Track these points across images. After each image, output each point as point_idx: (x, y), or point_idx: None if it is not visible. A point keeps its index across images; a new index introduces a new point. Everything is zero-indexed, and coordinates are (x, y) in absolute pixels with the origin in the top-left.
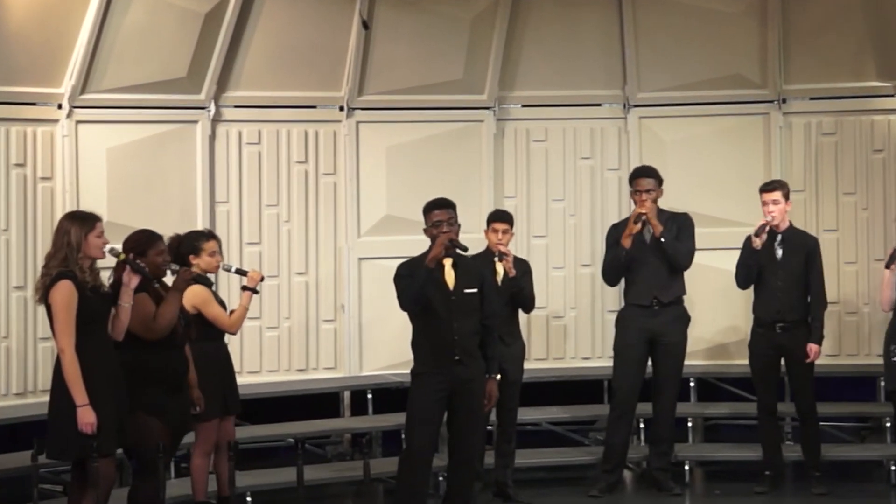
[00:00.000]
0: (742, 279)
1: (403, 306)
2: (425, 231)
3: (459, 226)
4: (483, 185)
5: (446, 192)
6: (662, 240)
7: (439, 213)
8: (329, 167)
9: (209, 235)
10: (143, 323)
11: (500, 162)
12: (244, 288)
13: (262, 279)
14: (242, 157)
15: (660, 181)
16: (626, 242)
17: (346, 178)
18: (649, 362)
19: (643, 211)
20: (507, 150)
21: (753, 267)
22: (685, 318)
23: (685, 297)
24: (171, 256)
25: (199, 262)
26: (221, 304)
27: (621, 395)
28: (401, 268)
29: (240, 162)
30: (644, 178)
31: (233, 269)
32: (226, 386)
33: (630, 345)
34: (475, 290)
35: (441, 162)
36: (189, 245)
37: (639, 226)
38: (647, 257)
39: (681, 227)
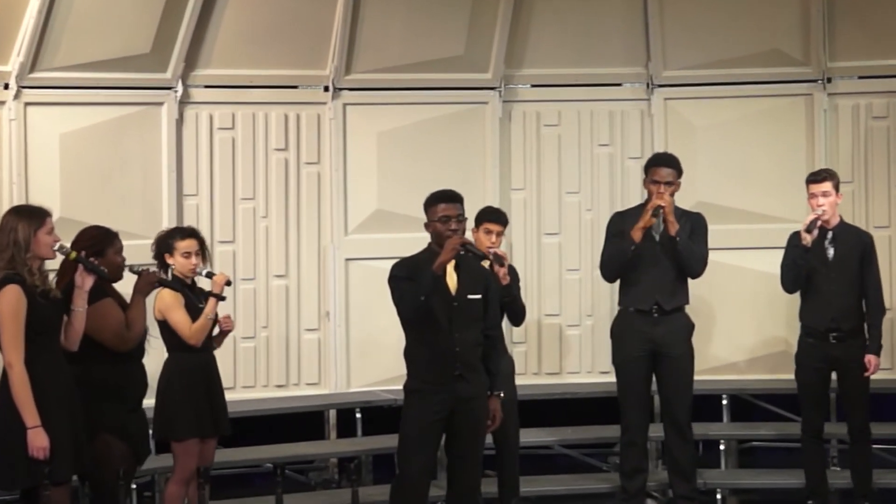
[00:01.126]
0: (790, 281)
1: (403, 314)
2: (427, 227)
3: (466, 218)
4: (487, 176)
5: (445, 184)
6: (678, 239)
7: (446, 207)
8: (312, 155)
9: (187, 233)
10: (117, 333)
11: (506, 149)
12: (208, 293)
13: (228, 283)
14: (214, 144)
15: (680, 172)
16: (637, 235)
17: (331, 168)
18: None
19: (662, 204)
20: (514, 135)
21: (804, 267)
22: (689, 327)
23: (687, 307)
24: (153, 256)
25: (175, 265)
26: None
27: (630, 418)
28: (396, 268)
29: (211, 149)
30: (664, 167)
31: (203, 273)
32: (210, 402)
33: (631, 358)
34: (479, 297)
35: (439, 149)
36: (164, 243)
37: (654, 219)
38: (655, 257)
39: (695, 227)
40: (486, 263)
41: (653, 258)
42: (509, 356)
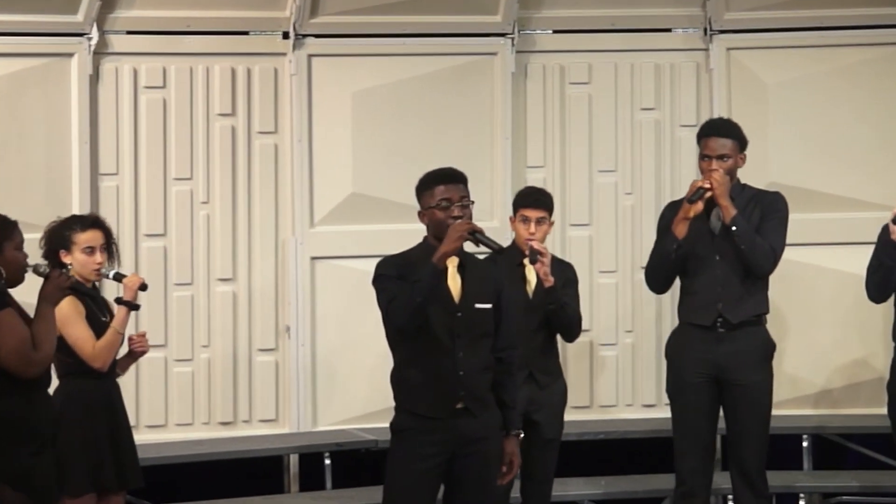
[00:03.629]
0: (875, 287)
1: (393, 322)
2: (422, 216)
3: (472, 202)
4: (496, 150)
5: (442, 161)
6: (734, 228)
7: (445, 189)
8: (268, 123)
9: (89, 223)
10: (20, 353)
11: (520, 115)
12: (118, 301)
13: (143, 287)
14: (139, 108)
15: (741, 144)
16: (681, 230)
17: (292, 140)
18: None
19: (706, 185)
20: (531, 97)
21: (894, 269)
22: (766, 346)
23: (767, 317)
24: (43, 253)
25: (73, 264)
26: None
27: (686, 464)
28: (384, 266)
29: (135, 115)
30: (717, 136)
31: (111, 275)
32: (114, 446)
33: (688, 386)
34: (489, 306)
35: (433, 116)
36: (59, 236)
37: (699, 206)
38: (713, 255)
39: (766, 211)
40: (492, 257)
41: (711, 257)
42: (563, 381)
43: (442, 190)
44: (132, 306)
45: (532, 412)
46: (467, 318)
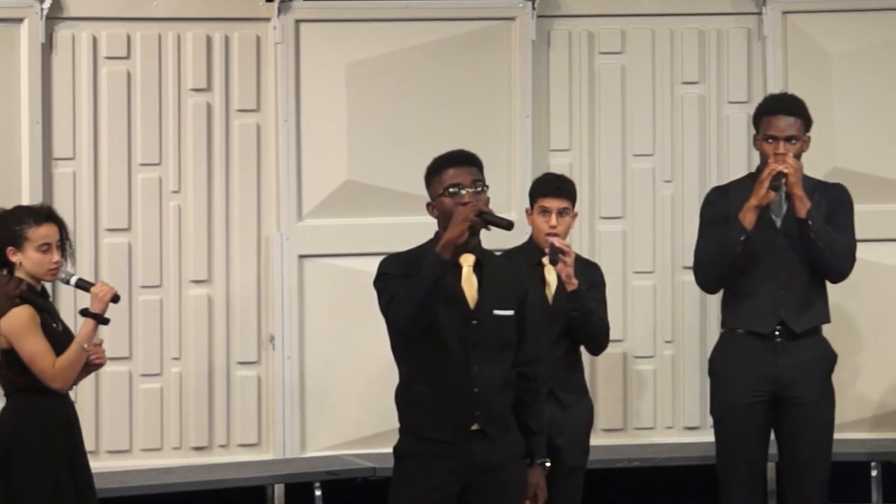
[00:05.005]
0: None
1: (395, 324)
2: (430, 208)
3: (487, 187)
4: (514, 131)
5: (452, 143)
6: (810, 223)
7: (456, 173)
8: (249, 100)
9: (43, 215)
10: None
11: (542, 90)
12: (84, 312)
13: (115, 298)
14: (99, 82)
15: (808, 123)
16: (750, 218)
17: (277, 119)
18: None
19: (784, 170)
20: (555, 69)
21: None
22: (829, 360)
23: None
24: None
25: (24, 263)
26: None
27: (736, 495)
28: (388, 264)
29: (94, 90)
30: (785, 115)
31: (72, 281)
32: (71, 471)
33: (739, 405)
34: (510, 312)
35: (442, 90)
36: (8, 231)
37: (773, 194)
38: (777, 252)
39: (834, 206)
40: (507, 254)
41: (773, 255)
42: (588, 400)
43: (451, 174)
44: (101, 320)
45: (553, 436)
46: (484, 327)
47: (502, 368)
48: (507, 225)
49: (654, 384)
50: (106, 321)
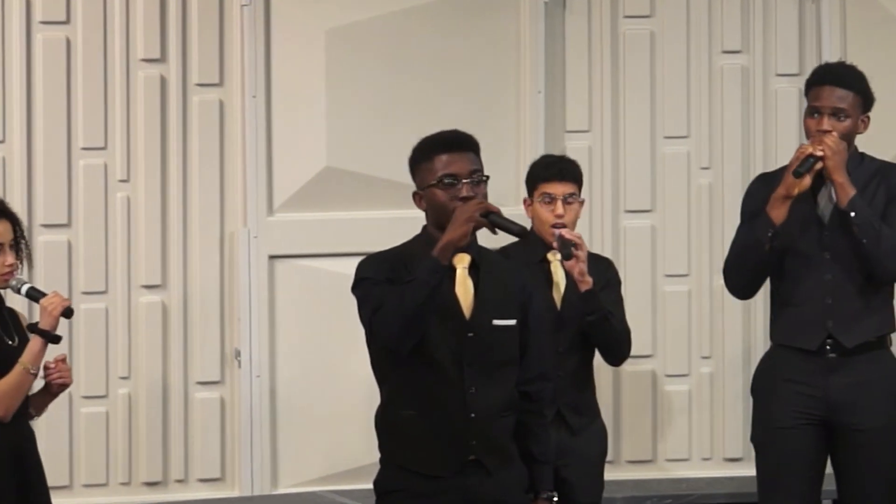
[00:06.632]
0: None
1: (382, 339)
2: (417, 198)
3: (487, 178)
4: (524, 109)
5: (449, 123)
6: (853, 214)
7: (450, 159)
8: (210, 73)
9: None
10: None
11: (557, 62)
12: (31, 328)
13: (67, 312)
14: (33, 51)
15: (866, 101)
16: (779, 213)
17: (243, 95)
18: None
19: (817, 152)
20: (572, 35)
21: None
22: (893, 378)
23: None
24: None
25: None
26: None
27: None
28: (367, 267)
29: (28, 60)
30: (833, 86)
31: (23, 290)
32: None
33: (784, 431)
34: (512, 323)
35: (438, 60)
36: None
37: (806, 181)
38: (822, 253)
39: (893, 192)
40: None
41: (818, 256)
42: (601, 423)
43: (445, 161)
44: (51, 338)
45: (560, 467)
46: (482, 340)
47: (503, 389)
48: (521, 232)
49: (688, 408)
50: (56, 339)
